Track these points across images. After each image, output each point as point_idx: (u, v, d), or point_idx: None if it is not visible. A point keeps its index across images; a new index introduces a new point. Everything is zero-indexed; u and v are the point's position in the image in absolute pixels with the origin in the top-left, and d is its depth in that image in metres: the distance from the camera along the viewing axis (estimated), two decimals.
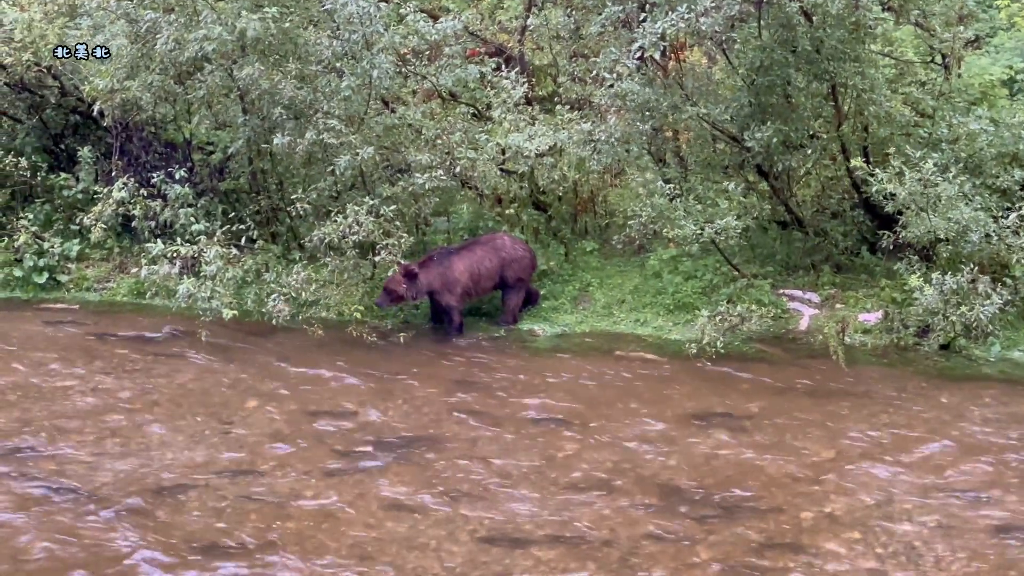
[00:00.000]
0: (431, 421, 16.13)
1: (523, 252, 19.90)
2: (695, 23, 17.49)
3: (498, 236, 20.11)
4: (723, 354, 17.90)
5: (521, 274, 19.84)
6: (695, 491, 14.02)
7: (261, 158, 21.44)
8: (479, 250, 19.81)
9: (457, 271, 19.56)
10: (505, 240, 19.94)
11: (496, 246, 19.80)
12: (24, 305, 21.13)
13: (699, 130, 19.96)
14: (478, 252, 19.79)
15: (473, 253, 19.78)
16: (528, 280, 20.00)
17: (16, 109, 24.15)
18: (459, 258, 19.67)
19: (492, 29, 25.09)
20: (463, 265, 19.59)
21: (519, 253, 19.82)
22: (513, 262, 19.72)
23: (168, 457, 14.86)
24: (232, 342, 19.01)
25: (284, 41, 20.17)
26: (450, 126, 20.59)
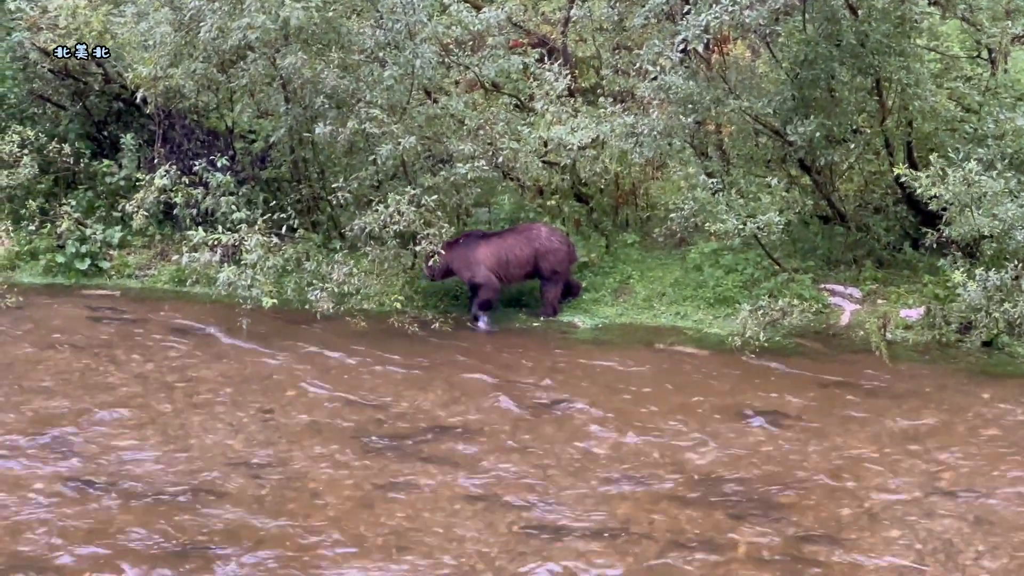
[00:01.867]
0: (470, 411, 16.11)
1: (559, 244, 19.83)
2: (739, 16, 17.43)
3: (535, 226, 20.09)
4: (764, 348, 17.83)
5: (557, 266, 19.78)
6: (734, 485, 13.97)
7: (303, 147, 21.45)
8: (511, 237, 19.85)
9: (480, 253, 19.66)
10: (541, 231, 19.90)
11: (530, 236, 19.78)
12: (66, 291, 21.18)
13: (742, 124, 19.88)
14: (509, 239, 19.84)
15: (503, 239, 19.84)
16: (565, 273, 19.93)
17: (60, 96, 24.22)
18: (487, 242, 19.78)
19: (535, 20, 25.02)
20: (489, 249, 19.68)
21: (554, 245, 19.76)
22: (548, 253, 19.67)
23: (207, 445, 14.88)
24: (272, 330, 19.02)
25: (327, 30, 20.17)
26: (493, 117, 20.56)
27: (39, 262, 21.90)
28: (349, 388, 16.88)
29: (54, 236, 21.97)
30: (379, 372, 17.52)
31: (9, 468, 14.03)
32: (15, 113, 24.05)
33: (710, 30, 17.79)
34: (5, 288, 19.77)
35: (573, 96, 21.95)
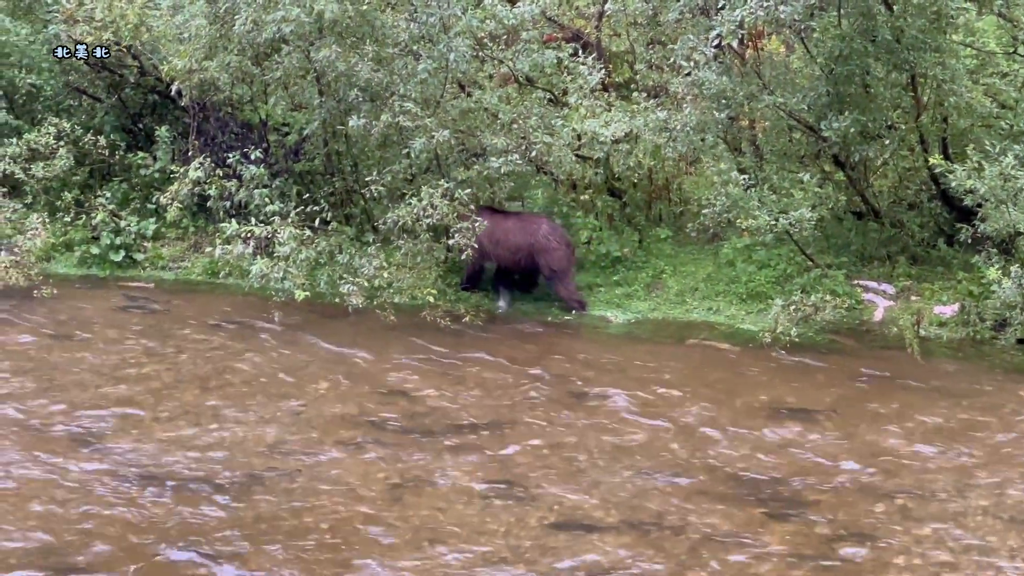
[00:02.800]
0: (502, 405, 16.12)
1: (556, 245, 19.73)
2: (774, 11, 17.39)
3: (538, 220, 20.12)
4: (796, 344, 17.81)
5: (555, 266, 19.76)
6: (766, 481, 13.96)
7: (336, 140, 21.48)
8: (512, 221, 19.95)
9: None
10: (542, 226, 19.87)
11: (529, 228, 19.78)
12: (100, 283, 21.25)
13: (775, 119, 19.86)
14: (510, 222, 19.95)
15: (506, 220, 19.96)
16: (565, 273, 19.87)
17: (96, 88, 24.31)
18: (491, 218, 19.74)
19: (569, 15, 24.99)
20: (488, 224, 19.51)
21: (551, 245, 19.67)
22: (544, 252, 19.63)
23: (240, 437, 14.93)
24: (305, 323, 19.05)
25: (361, 23, 20.17)
26: (526, 111, 20.55)
27: (74, 253, 21.99)
28: (381, 381, 16.91)
29: (89, 228, 22.04)
30: (411, 365, 17.54)
31: (42, 459, 14.09)
32: (51, 105, 24.14)
33: (744, 25, 17.78)
34: (41, 279, 19.83)
35: (607, 91, 21.93)
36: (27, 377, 16.66)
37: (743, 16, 17.45)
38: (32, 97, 24.11)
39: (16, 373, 16.79)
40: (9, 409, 15.52)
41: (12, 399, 15.84)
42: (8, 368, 17.00)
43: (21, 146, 21.77)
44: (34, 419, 15.25)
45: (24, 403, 15.73)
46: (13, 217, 20.59)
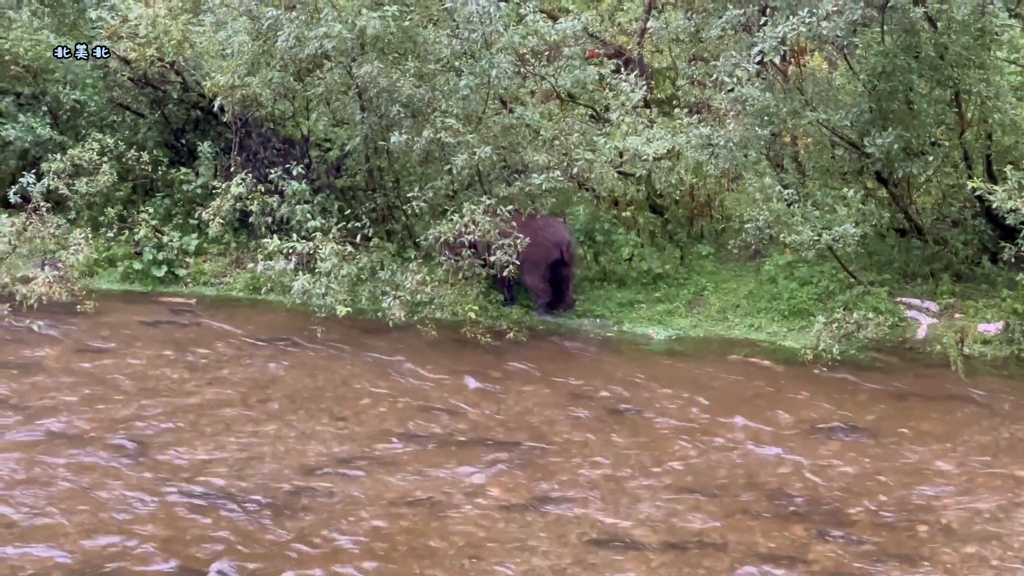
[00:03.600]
0: (543, 421, 16.10)
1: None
2: (817, 27, 17.34)
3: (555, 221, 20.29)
4: (839, 361, 17.72)
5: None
6: (808, 499, 13.89)
7: (378, 156, 21.50)
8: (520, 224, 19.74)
9: None
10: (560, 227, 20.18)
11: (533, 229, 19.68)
12: (143, 298, 21.32)
13: (818, 136, 19.80)
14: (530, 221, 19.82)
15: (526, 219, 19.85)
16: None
17: (139, 104, 24.45)
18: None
19: (612, 31, 25.00)
20: None
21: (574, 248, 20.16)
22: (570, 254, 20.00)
23: (281, 452, 14.94)
24: (346, 339, 19.06)
25: (403, 39, 20.23)
26: (568, 127, 20.52)
27: (117, 269, 22.09)
28: (422, 397, 16.91)
29: (132, 243, 22.14)
30: (452, 381, 17.54)
31: (84, 473, 14.15)
32: (95, 121, 24.28)
33: (787, 42, 17.72)
34: (84, 294, 19.89)
35: (649, 107, 21.91)
36: (69, 391, 16.72)
37: (786, 32, 17.40)
38: (76, 113, 24.26)
39: (59, 387, 16.86)
40: (52, 423, 15.58)
41: (54, 413, 15.91)
42: (51, 382, 17.07)
43: (65, 162, 21.83)
44: (76, 433, 15.30)
45: (66, 417, 15.79)
46: (57, 232, 20.64)
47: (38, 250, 20.69)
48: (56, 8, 25.51)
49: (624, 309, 20.28)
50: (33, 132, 23.22)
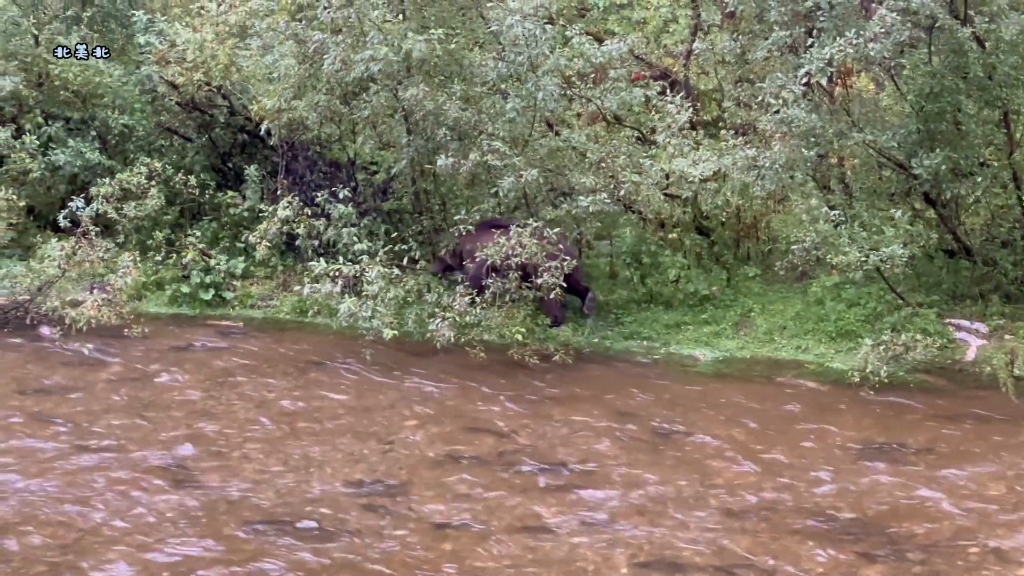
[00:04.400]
0: (590, 443, 16.07)
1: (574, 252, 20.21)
2: (863, 49, 17.32)
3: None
4: (887, 383, 17.63)
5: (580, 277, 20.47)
6: (857, 521, 13.81)
7: (424, 178, 21.56)
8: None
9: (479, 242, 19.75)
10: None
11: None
12: (190, 321, 21.41)
13: (865, 157, 19.75)
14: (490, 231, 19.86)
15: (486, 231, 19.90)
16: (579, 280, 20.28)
17: (187, 128, 24.65)
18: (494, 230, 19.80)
19: (657, 53, 25.04)
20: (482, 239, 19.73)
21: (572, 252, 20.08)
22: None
23: (328, 474, 14.96)
24: (393, 361, 19.09)
25: (449, 62, 20.29)
26: (614, 149, 20.53)
27: (165, 292, 22.20)
28: (469, 420, 16.91)
29: (179, 266, 22.25)
30: (499, 404, 17.53)
31: (132, 495, 14.18)
32: (143, 145, 24.46)
33: (833, 63, 17.72)
34: (132, 317, 19.99)
35: (695, 129, 21.90)
36: (118, 414, 16.80)
37: (832, 54, 17.39)
38: (125, 137, 24.45)
39: (107, 410, 16.94)
40: (100, 446, 15.65)
41: (103, 436, 15.98)
42: (99, 406, 17.16)
43: (114, 186, 21.97)
44: (124, 456, 15.35)
45: (114, 440, 15.86)
46: (106, 256, 20.76)
47: (87, 274, 20.84)
48: (105, 34, 25.74)
49: (671, 331, 20.26)
50: (82, 157, 23.38)
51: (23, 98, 24.06)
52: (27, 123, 24.01)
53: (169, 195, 23.05)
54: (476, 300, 18.98)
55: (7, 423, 16.36)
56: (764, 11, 19.24)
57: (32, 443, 15.66)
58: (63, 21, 25.22)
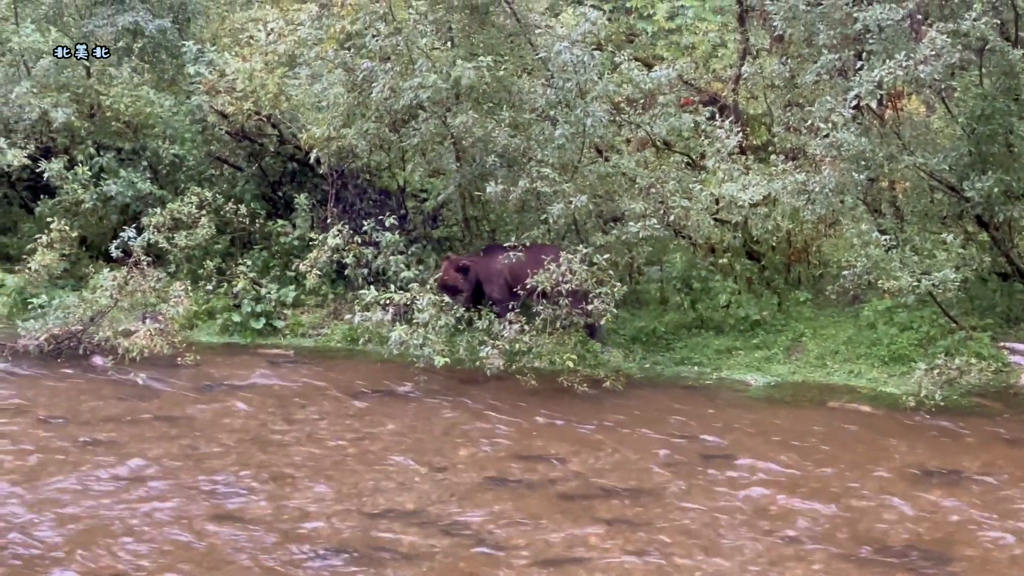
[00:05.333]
0: (641, 470, 16.01)
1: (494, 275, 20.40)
2: (914, 71, 17.27)
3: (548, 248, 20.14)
4: (941, 408, 17.53)
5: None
6: (912, 549, 13.70)
7: (473, 205, 21.58)
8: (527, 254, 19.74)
9: (498, 265, 20.12)
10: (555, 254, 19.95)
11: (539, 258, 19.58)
12: (241, 350, 21.46)
13: (916, 180, 19.67)
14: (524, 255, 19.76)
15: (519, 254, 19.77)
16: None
17: (237, 157, 24.77)
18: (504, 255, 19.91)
19: (706, 78, 25.04)
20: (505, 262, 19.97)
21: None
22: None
23: (380, 502, 14.94)
24: (444, 389, 19.09)
25: (498, 89, 20.33)
26: (664, 175, 20.50)
27: (216, 321, 22.27)
28: (520, 447, 16.88)
29: (230, 295, 22.32)
30: (550, 430, 17.50)
31: (183, 522, 14.21)
32: (194, 175, 24.60)
33: (883, 86, 17.65)
34: (184, 347, 20.08)
35: (744, 154, 21.85)
36: (170, 443, 16.84)
37: (882, 76, 17.34)
38: (175, 167, 24.59)
39: (160, 439, 16.99)
40: (150, 474, 15.69)
41: (154, 464, 16.02)
42: (152, 434, 17.21)
43: (165, 215, 22.13)
44: (175, 484, 15.38)
45: (166, 467, 15.90)
46: (157, 286, 20.88)
47: (139, 303, 20.96)
48: (155, 64, 25.93)
49: (722, 356, 20.20)
50: (134, 187, 23.52)
51: (75, 129, 24.24)
52: (79, 154, 24.19)
53: (219, 224, 23.17)
54: (525, 328, 18.97)
55: (60, 452, 16.41)
56: (813, 35, 19.20)
57: (83, 472, 15.70)
58: (115, 52, 25.40)
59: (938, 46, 17.29)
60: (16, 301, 22.24)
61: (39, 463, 15.99)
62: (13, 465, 15.89)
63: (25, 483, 15.25)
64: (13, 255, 23.93)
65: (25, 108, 23.37)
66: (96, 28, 25.35)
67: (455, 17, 21.04)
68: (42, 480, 15.38)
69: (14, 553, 13.33)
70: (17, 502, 14.67)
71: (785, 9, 19.24)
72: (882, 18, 17.77)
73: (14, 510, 14.42)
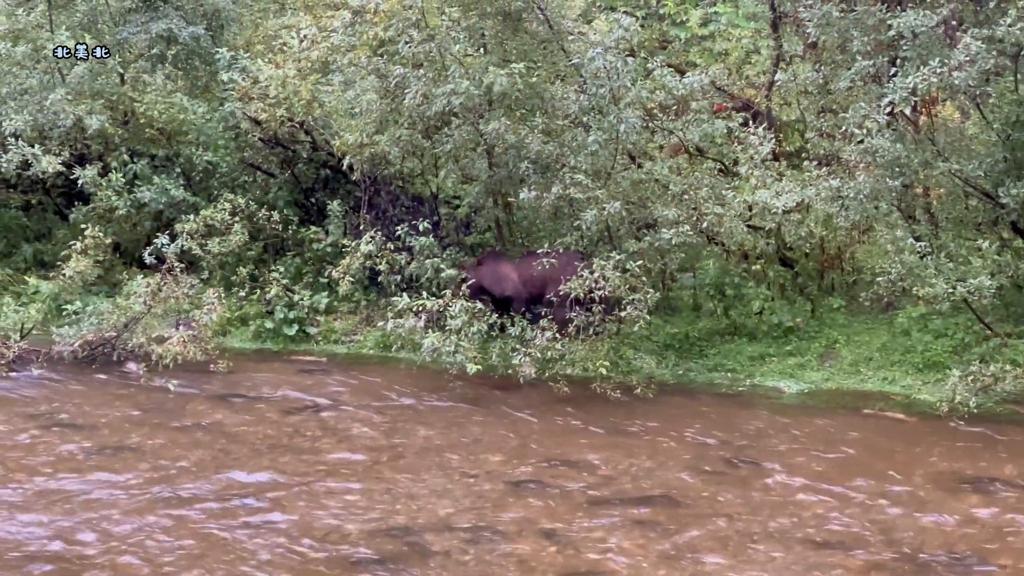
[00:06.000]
0: (674, 477, 15.99)
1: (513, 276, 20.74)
2: (948, 77, 17.21)
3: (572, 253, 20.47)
4: (975, 415, 17.44)
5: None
6: (946, 557, 13.63)
7: (507, 211, 21.58)
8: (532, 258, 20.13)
9: (506, 269, 20.60)
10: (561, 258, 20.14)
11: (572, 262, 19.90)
12: (274, 357, 21.51)
13: (951, 186, 19.58)
14: (529, 259, 20.25)
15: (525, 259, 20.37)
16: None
17: (270, 164, 24.80)
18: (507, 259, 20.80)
19: (739, 84, 24.97)
20: (511, 266, 20.66)
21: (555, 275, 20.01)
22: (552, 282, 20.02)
23: (413, 508, 14.94)
24: (477, 395, 19.10)
25: (531, 95, 20.35)
26: (697, 181, 20.45)
27: (249, 327, 22.30)
28: (553, 453, 16.87)
29: (263, 302, 22.35)
30: (583, 437, 17.50)
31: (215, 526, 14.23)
32: (227, 182, 24.64)
33: (918, 92, 17.57)
34: (217, 353, 20.13)
35: (778, 160, 21.77)
36: (203, 449, 16.89)
37: (916, 83, 17.27)
38: (208, 174, 24.66)
39: (193, 444, 17.03)
40: (184, 479, 15.72)
41: (187, 470, 16.07)
42: (185, 439, 17.25)
43: (198, 222, 22.18)
44: (208, 489, 15.42)
45: (199, 472, 15.95)
46: (190, 292, 20.94)
47: (172, 310, 21.00)
48: (189, 71, 26.02)
49: (755, 363, 20.16)
50: (167, 193, 23.59)
51: (109, 136, 24.30)
52: (113, 161, 24.26)
53: (252, 231, 23.22)
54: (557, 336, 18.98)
55: (93, 457, 16.48)
56: (847, 41, 19.15)
57: (117, 477, 15.76)
58: (148, 59, 25.50)
59: (973, 52, 17.24)
60: (51, 307, 22.29)
61: (71, 468, 16.06)
62: (45, 470, 15.95)
63: (56, 487, 15.32)
64: (48, 261, 24.01)
65: (60, 115, 23.41)
66: (130, 35, 25.48)
67: (488, 23, 21.07)
68: (73, 484, 15.43)
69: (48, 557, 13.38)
70: (48, 506, 14.72)
71: (819, 16, 19.19)
72: (916, 24, 17.71)
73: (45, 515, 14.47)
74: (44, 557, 13.44)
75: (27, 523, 14.30)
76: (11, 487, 15.42)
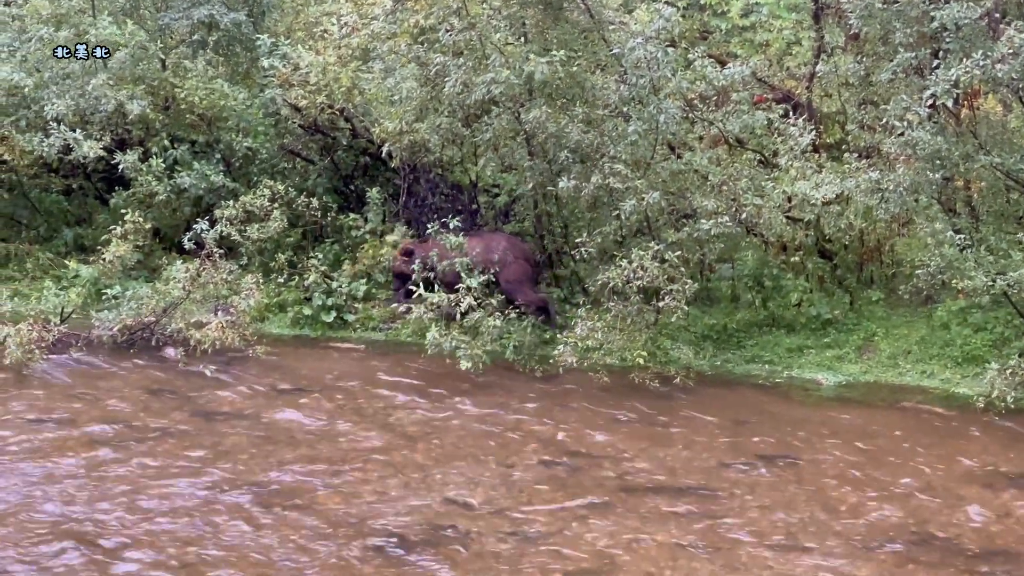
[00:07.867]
0: (711, 467, 15.98)
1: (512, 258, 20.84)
2: (991, 70, 17.12)
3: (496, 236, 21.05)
4: (1013, 409, 17.37)
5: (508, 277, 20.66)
6: (983, 553, 13.59)
7: (546, 201, 21.57)
8: (473, 239, 20.52)
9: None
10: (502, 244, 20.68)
11: (490, 246, 20.51)
12: (312, 343, 21.53)
13: (992, 180, 19.47)
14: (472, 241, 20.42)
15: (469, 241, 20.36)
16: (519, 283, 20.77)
17: (309, 150, 24.82)
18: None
19: (780, 75, 24.89)
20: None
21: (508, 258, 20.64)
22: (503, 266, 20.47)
23: (449, 497, 14.95)
24: (514, 384, 19.09)
25: (571, 85, 20.32)
26: (736, 172, 20.39)
27: (287, 314, 22.32)
28: (590, 443, 16.86)
29: (301, 288, 22.37)
30: (620, 427, 17.48)
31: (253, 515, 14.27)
32: (266, 168, 24.65)
33: (960, 85, 17.49)
34: (255, 339, 20.17)
35: (818, 151, 21.70)
36: (239, 436, 16.92)
37: (959, 75, 17.20)
38: (248, 160, 24.68)
39: (231, 432, 17.06)
40: (220, 465, 15.76)
41: (226, 457, 16.09)
42: (223, 427, 17.28)
43: (237, 208, 22.24)
44: (244, 476, 15.45)
45: (237, 461, 15.97)
46: (229, 278, 20.97)
47: (211, 295, 21.01)
48: (230, 57, 26.04)
49: (793, 355, 20.12)
50: (207, 179, 23.62)
51: (150, 121, 24.34)
52: (153, 146, 24.30)
53: (291, 217, 23.25)
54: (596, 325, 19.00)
55: (131, 442, 16.52)
56: (889, 33, 19.04)
57: (152, 462, 15.80)
58: (189, 45, 25.55)
59: (1016, 45, 17.16)
60: (90, 292, 22.32)
61: (109, 452, 16.10)
62: (84, 453, 16.00)
63: (96, 471, 15.37)
64: (88, 246, 24.05)
65: (101, 100, 23.45)
66: (172, 21, 25.52)
67: (529, 12, 21.03)
68: (112, 468, 15.49)
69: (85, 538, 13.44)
70: (89, 488, 14.79)
71: (861, 7, 19.08)
72: (959, 16, 17.61)
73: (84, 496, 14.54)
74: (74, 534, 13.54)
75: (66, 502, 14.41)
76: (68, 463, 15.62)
